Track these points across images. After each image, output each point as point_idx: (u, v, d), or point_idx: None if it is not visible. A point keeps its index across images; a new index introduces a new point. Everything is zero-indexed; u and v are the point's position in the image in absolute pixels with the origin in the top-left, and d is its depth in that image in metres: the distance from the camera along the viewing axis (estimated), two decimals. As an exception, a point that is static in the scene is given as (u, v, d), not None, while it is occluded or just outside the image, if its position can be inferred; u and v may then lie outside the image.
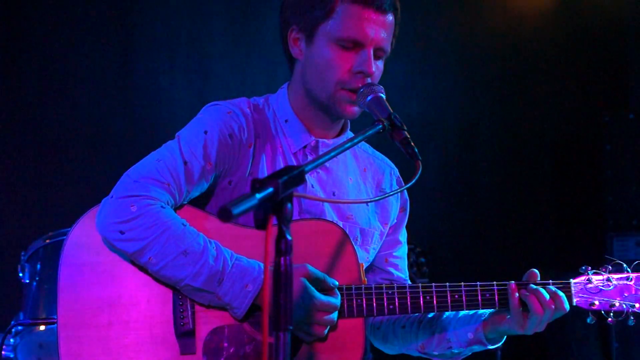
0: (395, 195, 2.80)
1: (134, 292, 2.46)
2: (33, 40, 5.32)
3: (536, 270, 2.58)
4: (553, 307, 2.51)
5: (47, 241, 3.74)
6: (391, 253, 2.81)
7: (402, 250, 2.85)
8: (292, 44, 2.63)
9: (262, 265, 2.43)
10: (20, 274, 3.78)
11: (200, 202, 2.59)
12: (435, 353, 2.72)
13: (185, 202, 2.55)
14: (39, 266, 3.73)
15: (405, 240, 2.86)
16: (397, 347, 2.80)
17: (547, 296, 2.51)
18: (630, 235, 5.61)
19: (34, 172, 5.18)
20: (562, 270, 6.09)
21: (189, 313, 2.46)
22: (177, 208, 2.53)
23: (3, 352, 3.90)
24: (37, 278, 3.73)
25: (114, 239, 2.43)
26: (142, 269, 2.47)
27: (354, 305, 2.48)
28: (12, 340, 3.69)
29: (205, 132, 2.56)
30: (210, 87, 5.68)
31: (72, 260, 2.49)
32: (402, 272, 2.83)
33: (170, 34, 5.68)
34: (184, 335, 2.45)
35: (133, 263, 2.48)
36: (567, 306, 2.52)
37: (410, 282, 2.84)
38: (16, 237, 4.62)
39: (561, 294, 2.53)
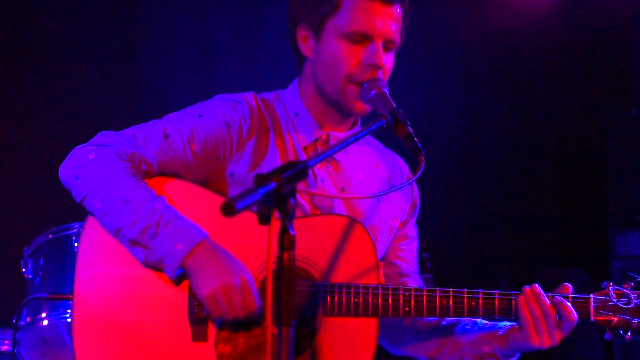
0: (405, 191, 2.79)
1: (151, 274, 2.47)
2: (36, 36, 5.31)
3: (569, 285, 2.55)
4: (555, 315, 2.49)
5: (50, 236, 3.72)
6: (399, 246, 2.81)
7: (411, 244, 2.84)
8: (301, 42, 2.63)
9: (204, 233, 2.43)
10: (23, 269, 3.77)
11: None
12: None
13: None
14: (41, 261, 3.72)
15: (415, 235, 2.85)
16: (403, 349, 2.79)
17: (547, 302, 2.49)
18: (633, 230, 5.60)
19: (37, 167, 5.18)
20: (565, 265, 6.09)
21: None
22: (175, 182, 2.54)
23: (6, 347, 3.90)
24: (39, 273, 3.72)
25: (70, 184, 2.49)
26: None
27: (369, 304, 2.47)
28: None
29: (200, 116, 2.58)
30: (214, 82, 5.68)
31: (92, 239, 2.51)
32: (411, 264, 2.82)
33: (173, 30, 5.67)
34: (197, 322, 2.46)
35: None
36: (575, 316, 2.49)
37: (419, 276, 2.83)
38: (19, 233, 4.62)
39: (568, 304, 2.49)
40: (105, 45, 5.49)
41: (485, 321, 2.65)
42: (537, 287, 2.52)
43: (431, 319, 2.71)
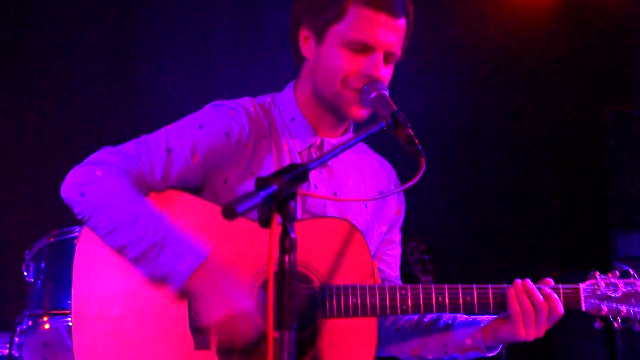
0: (392, 196, 2.80)
1: (149, 285, 2.45)
2: (35, 38, 5.32)
3: (550, 279, 2.57)
4: (547, 310, 2.50)
5: (52, 240, 3.73)
6: (385, 252, 2.82)
7: (395, 250, 2.85)
8: (302, 42, 2.62)
9: (204, 255, 2.41)
10: (25, 273, 3.77)
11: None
12: (429, 357, 2.71)
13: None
14: (43, 265, 3.72)
15: (399, 241, 2.86)
16: (387, 350, 2.79)
17: (541, 298, 2.50)
18: (635, 231, 5.59)
19: (38, 170, 5.18)
20: (566, 267, 6.09)
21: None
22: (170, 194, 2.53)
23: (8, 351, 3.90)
24: (41, 277, 3.72)
25: (75, 201, 2.45)
26: None
27: (368, 304, 2.47)
28: (16, 339, 3.69)
29: (200, 127, 2.56)
30: (214, 84, 5.67)
31: (87, 252, 2.49)
32: (394, 270, 2.83)
33: (173, 32, 5.67)
34: (199, 330, 2.45)
35: None
36: (561, 309, 2.51)
37: (400, 282, 2.84)
38: (21, 236, 4.62)
39: (556, 297, 2.52)
40: (105, 48, 5.48)
41: (465, 315, 2.66)
42: (529, 282, 2.53)
43: (412, 317, 2.72)
